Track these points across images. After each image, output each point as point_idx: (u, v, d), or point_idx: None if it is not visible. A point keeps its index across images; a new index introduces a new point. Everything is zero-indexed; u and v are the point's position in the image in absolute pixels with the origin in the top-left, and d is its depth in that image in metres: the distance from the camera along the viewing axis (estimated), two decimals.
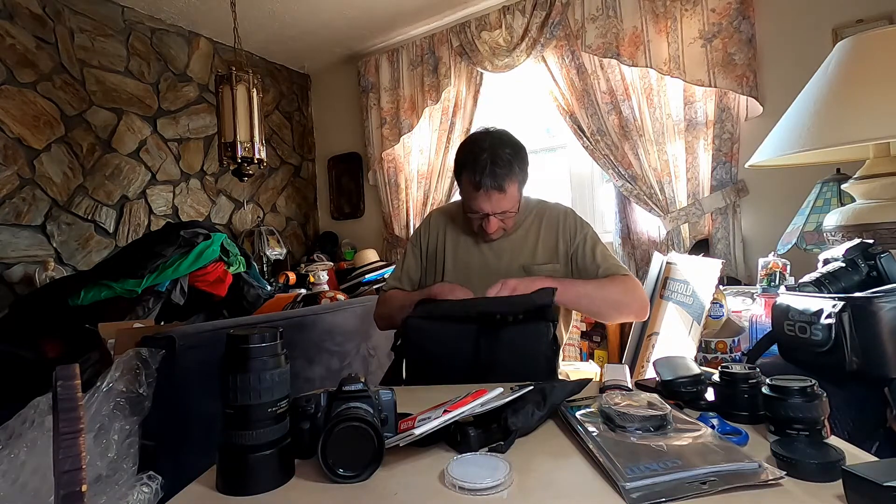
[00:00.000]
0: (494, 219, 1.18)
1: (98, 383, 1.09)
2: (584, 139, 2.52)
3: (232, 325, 1.39)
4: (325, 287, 2.94)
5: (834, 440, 0.58)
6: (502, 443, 0.60)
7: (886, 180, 1.13)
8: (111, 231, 2.68)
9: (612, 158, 2.45)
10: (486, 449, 0.60)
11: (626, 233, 2.50)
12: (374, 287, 2.95)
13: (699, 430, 0.60)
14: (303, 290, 2.78)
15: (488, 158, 1.12)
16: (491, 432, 0.62)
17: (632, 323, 2.12)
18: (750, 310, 1.63)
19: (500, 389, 0.65)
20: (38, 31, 2.41)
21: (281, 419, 0.57)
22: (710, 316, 1.55)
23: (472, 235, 1.29)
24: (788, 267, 1.67)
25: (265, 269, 3.22)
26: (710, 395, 0.71)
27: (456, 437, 0.61)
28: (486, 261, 1.27)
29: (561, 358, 1.34)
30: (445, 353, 0.97)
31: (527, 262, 1.23)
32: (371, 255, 3.22)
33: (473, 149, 1.17)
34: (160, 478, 0.91)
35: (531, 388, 0.68)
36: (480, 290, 1.18)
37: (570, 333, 2.49)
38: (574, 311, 1.38)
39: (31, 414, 0.97)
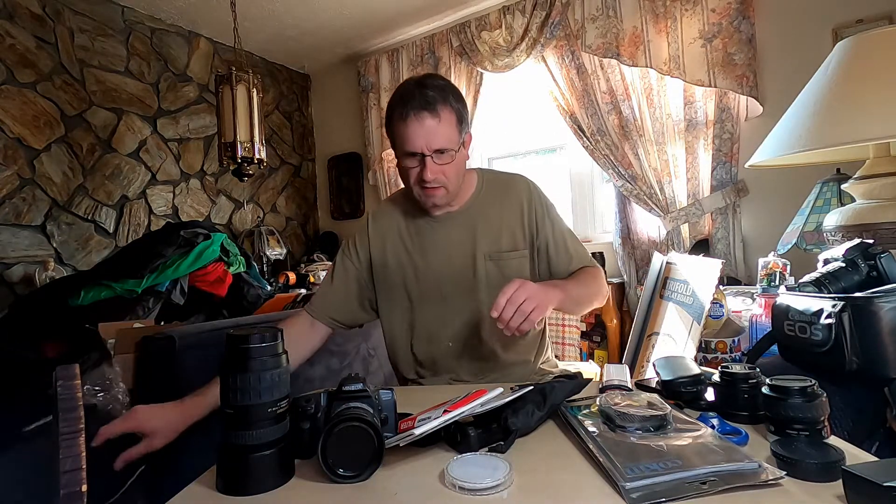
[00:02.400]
0: (431, 162, 0.99)
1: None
2: (584, 139, 2.52)
3: (232, 325, 1.38)
4: None
5: (834, 440, 0.58)
6: (502, 443, 0.60)
7: (886, 180, 1.13)
8: (111, 231, 2.68)
9: (612, 158, 2.45)
10: (486, 449, 0.60)
11: (626, 233, 2.50)
12: None
13: (699, 430, 0.59)
14: (303, 290, 2.78)
15: (416, 88, 0.99)
16: (491, 432, 0.62)
17: (632, 323, 2.12)
18: (750, 310, 1.62)
19: (500, 389, 0.65)
20: (38, 31, 2.41)
21: (281, 419, 0.57)
22: (710, 316, 1.54)
23: (425, 214, 1.12)
24: (788, 267, 1.67)
25: (265, 269, 3.22)
26: (710, 395, 0.71)
27: (456, 437, 0.61)
28: (448, 247, 1.11)
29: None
30: None
31: (492, 249, 1.10)
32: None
33: (400, 87, 1.04)
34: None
35: (531, 388, 0.68)
36: (453, 279, 1.08)
37: (570, 333, 2.48)
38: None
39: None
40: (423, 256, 1.12)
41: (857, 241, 0.98)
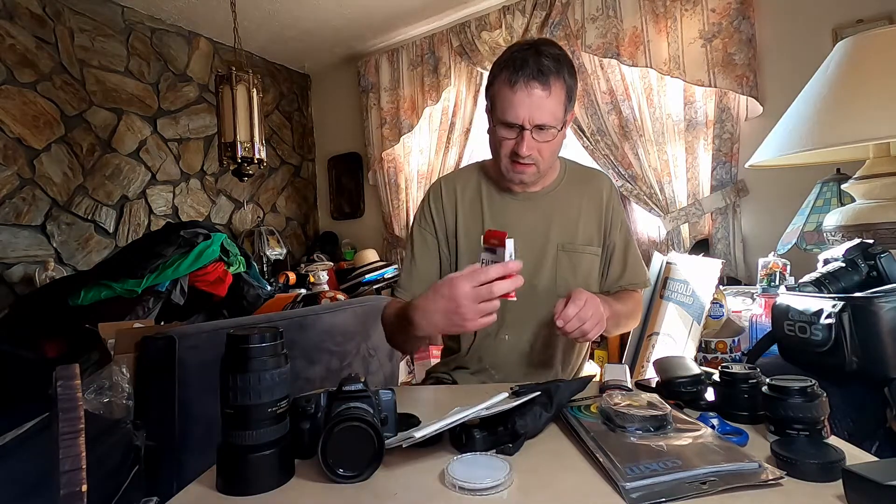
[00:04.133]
0: (529, 136, 0.92)
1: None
2: (584, 139, 2.52)
3: (232, 325, 1.38)
4: (325, 287, 2.94)
5: (834, 440, 0.58)
6: (510, 445, 0.60)
7: (886, 180, 1.13)
8: (111, 231, 2.68)
9: (612, 158, 2.45)
10: (494, 451, 0.59)
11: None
12: (375, 287, 2.95)
13: (699, 430, 0.59)
14: (303, 290, 2.78)
15: (532, 52, 0.91)
16: (498, 435, 0.61)
17: None
18: (750, 310, 1.63)
19: (505, 394, 0.64)
20: (38, 31, 2.41)
21: (281, 419, 0.57)
22: (710, 316, 1.54)
23: (501, 191, 1.07)
24: (788, 267, 1.67)
25: (265, 269, 3.22)
26: (710, 395, 0.71)
27: (461, 440, 0.61)
28: (521, 228, 1.04)
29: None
30: None
31: (568, 240, 1.04)
32: (371, 255, 3.23)
33: (513, 47, 0.96)
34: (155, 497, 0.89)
35: (538, 392, 0.68)
36: (528, 261, 0.99)
37: None
38: None
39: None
40: (503, 213, 1.07)
41: (857, 241, 0.98)
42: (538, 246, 1.04)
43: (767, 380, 0.61)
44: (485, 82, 2.94)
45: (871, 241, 0.97)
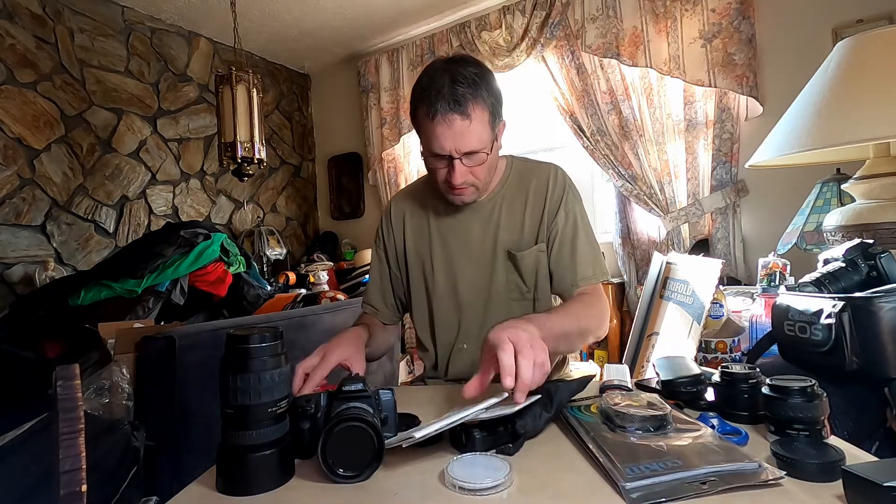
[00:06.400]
0: (460, 165, 0.91)
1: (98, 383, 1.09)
2: (584, 139, 2.52)
3: (232, 325, 1.39)
4: (325, 287, 2.94)
5: (834, 440, 0.58)
6: (510, 445, 0.60)
7: (886, 180, 1.13)
8: (111, 231, 2.68)
9: (612, 158, 2.45)
10: (494, 451, 0.59)
11: (626, 233, 2.50)
12: None
13: (699, 430, 0.59)
14: (303, 290, 2.78)
15: (447, 79, 0.88)
16: (497, 435, 0.61)
17: (632, 323, 2.12)
18: (750, 310, 1.62)
19: (506, 394, 0.64)
20: (38, 31, 2.41)
21: (281, 419, 0.57)
22: (710, 316, 1.54)
23: (447, 205, 1.05)
24: (788, 267, 1.67)
25: (265, 269, 3.22)
26: (710, 395, 0.71)
27: (461, 440, 0.61)
28: (468, 239, 1.04)
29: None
30: None
31: (512, 244, 1.01)
32: (371, 256, 3.22)
33: (429, 72, 0.91)
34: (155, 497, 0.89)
35: (538, 396, 0.67)
36: (468, 275, 1.02)
37: None
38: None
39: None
40: (442, 247, 1.06)
41: (857, 241, 0.98)
42: (487, 253, 1.03)
43: (767, 380, 0.61)
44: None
45: (871, 241, 0.97)
